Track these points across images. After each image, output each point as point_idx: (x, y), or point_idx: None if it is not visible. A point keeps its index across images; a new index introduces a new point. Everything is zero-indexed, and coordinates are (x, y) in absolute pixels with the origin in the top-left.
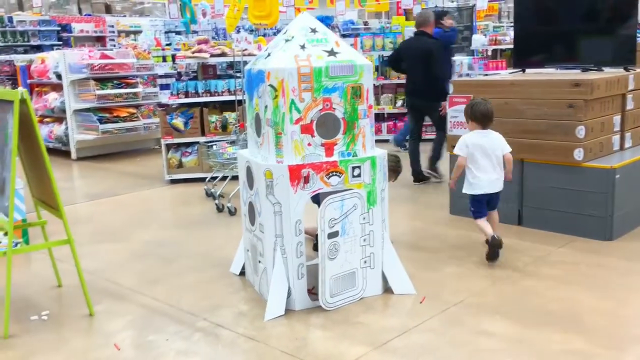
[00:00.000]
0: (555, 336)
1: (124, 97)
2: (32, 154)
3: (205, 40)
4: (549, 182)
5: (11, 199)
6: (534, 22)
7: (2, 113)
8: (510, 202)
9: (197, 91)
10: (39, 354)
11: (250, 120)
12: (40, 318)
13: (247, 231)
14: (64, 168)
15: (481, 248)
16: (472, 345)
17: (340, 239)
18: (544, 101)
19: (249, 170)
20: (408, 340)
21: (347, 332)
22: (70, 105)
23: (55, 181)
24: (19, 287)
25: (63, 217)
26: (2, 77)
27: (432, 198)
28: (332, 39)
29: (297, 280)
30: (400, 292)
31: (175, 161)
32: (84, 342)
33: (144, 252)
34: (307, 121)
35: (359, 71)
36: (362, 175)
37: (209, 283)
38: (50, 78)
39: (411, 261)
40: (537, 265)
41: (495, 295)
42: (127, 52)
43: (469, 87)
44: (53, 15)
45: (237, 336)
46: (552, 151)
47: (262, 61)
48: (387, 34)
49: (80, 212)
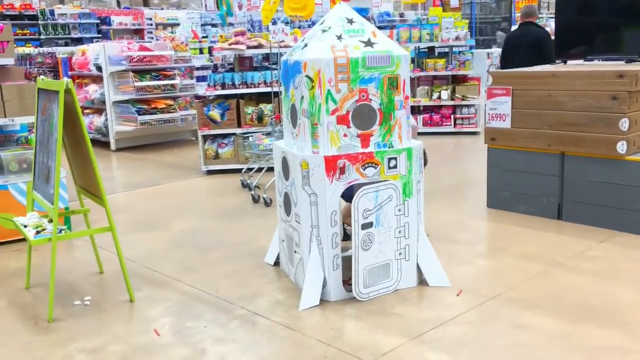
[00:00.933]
0: (595, 331)
1: (161, 88)
2: (76, 143)
3: (242, 32)
4: (591, 176)
5: (56, 187)
6: (576, 13)
7: (48, 103)
8: (550, 196)
9: (233, 83)
10: (82, 337)
11: (286, 111)
12: (82, 303)
13: (282, 221)
14: (104, 158)
15: (519, 241)
16: (509, 339)
17: (374, 229)
18: (586, 93)
19: (284, 160)
20: (444, 332)
21: (383, 323)
22: (110, 97)
23: (99, 170)
24: (62, 272)
25: (105, 205)
26: (45, 69)
27: (468, 190)
28: (369, 29)
29: (333, 271)
30: (435, 284)
31: (211, 152)
32: (124, 327)
33: (181, 241)
34: (343, 112)
35: (395, 62)
36: (398, 167)
37: (245, 272)
38: (91, 70)
39: (446, 254)
40: (577, 260)
41: (533, 289)
42: (165, 45)
43: (509, 78)
44: (93, 8)
45: (273, 324)
46: (594, 144)
47: (298, 52)
48: (423, 26)
49: (120, 201)
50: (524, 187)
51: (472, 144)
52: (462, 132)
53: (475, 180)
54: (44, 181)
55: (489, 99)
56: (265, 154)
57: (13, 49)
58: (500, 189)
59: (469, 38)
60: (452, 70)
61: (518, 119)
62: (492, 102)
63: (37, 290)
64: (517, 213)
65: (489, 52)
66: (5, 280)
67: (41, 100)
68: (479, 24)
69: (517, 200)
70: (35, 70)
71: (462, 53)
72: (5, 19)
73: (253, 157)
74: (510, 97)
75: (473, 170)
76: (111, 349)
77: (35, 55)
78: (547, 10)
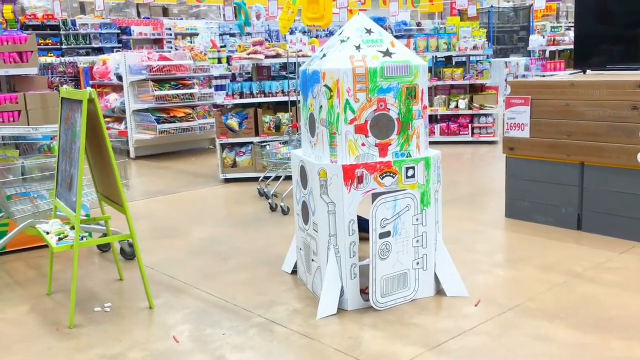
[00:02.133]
0: (615, 343)
1: (180, 97)
2: (98, 152)
3: (260, 42)
4: (611, 186)
5: (78, 194)
6: (596, 22)
7: (71, 112)
8: (569, 206)
9: (251, 92)
10: (102, 343)
11: (305, 120)
12: (103, 309)
13: (300, 230)
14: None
15: (538, 252)
16: (529, 350)
17: (392, 239)
18: (605, 102)
19: (302, 169)
20: (463, 342)
21: (401, 333)
22: (130, 106)
23: (120, 178)
24: (83, 279)
25: (127, 213)
26: (66, 78)
27: (486, 200)
28: (388, 39)
29: (350, 280)
30: (453, 294)
31: (229, 160)
32: (144, 334)
33: (200, 249)
34: (362, 121)
35: (414, 72)
36: (416, 176)
37: (262, 280)
38: (111, 79)
39: (464, 263)
40: (597, 271)
41: (553, 300)
42: (184, 54)
43: (528, 87)
44: (113, 18)
45: (291, 333)
46: (614, 154)
47: (317, 62)
48: (441, 35)
49: (139, 209)
50: (543, 197)
51: (490, 153)
52: (480, 141)
53: (493, 189)
54: (67, 189)
55: (507, 109)
56: (282, 163)
57: (36, 59)
58: (519, 198)
59: (487, 47)
60: (469, 79)
61: (537, 128)
62: (510, 112)
63: (58, 296)
64: (535, 223)
65: (506, 61)
66: (27, 286)
67: (64, 110)
68: (497, 32)
69: (535, 211)
70: (57, 79)
71: (479, 62)
72: (27, 29)
73: (270, 165)
74: (529, 107)
75: (491, 179)
76: (131, 356)
77: (57, 65)
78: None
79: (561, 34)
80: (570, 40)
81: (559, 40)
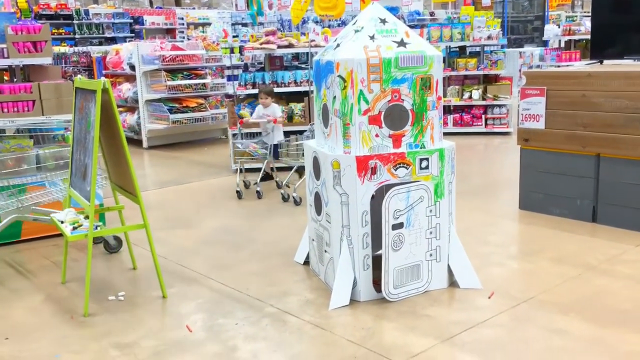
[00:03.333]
0: (630, 336)
1: (193, 87)
2: (112, 142)
3: (273, 32)
4: (627, 178)
5: (92, 184)
6: (613, 12)
7: (86, 102)
8: (585, 199)
9: (264, 82)
10: (116, 332)
11: (318, 111)
12: (117, 298)
13: (312, 221)
14: (136, 156)
15: (552, 244)
16: (543, 343)
17: (405, 230)
18: (623, 93)
19: (315, 160)
20: (476, 334)
21: (414, 324)
22: (143, 96)
23: (134, 168)
24: (97, 268)
25: (140, 203)
26: (79, 68)
27: (500, 192)
28: (402, 29)
29: (363, 271)
30: (466, 286)
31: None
32: (157, 323)
33: (213, 239)
34: (375, 112)
35: (429, 62)
36: (430, 168)
37: (275, 271)
38: (124, 69)
39: (478, 255)
40: (612, 264)
41: (567, 293)
42: (197, 44)
43: (544, 78)
44: (126, 8)
45: (303, 323)
46: (631, 146)
47: (331, 52)
48: (455, 25)
49: (152, 199)
50: (558, 189)
51: (504, 145)
52: (493, 132)
53: (507, 181)
54: (81, 178)
55: (522, 99)
56: (262, 156)
57: (51, 49)
58: (533, 190)
59: (501, 37)
60: (483, 69)
61: (552, 119)
62: (525, 103)
63: (73, 285)
64: (550, 215)
65: (521, 52)
66: (42, 275)
67: (78, 99)
68: (511, 22)
69: (550, 203)
70: (71, 69)
71: (494, 52)
72: (41, 19)
73: (282, 156)
74: (544, 98)
75: (505, 171)
76: (144, 344)
77: (70, 55)
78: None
79: (577, 24)
80: (586, 30)
81: (575, 30)
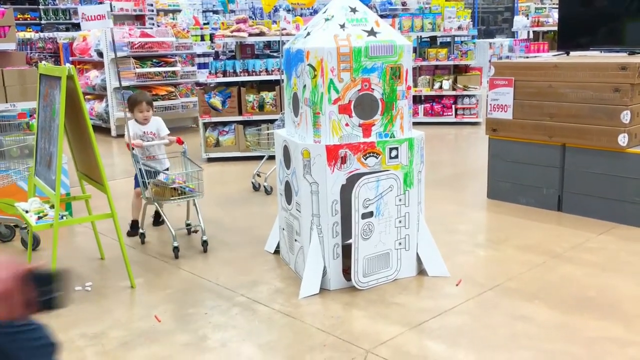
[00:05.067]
0: (593, 323)
1: (162, 75)
2: (78, 130)
3: (244, 20)
4: (591, 168)
5: (58, 173)
6: (580, 4)
7: (50, 89)
8: (550, 187)
9: (235, 70)
10: (83, 322)
11: (289, 100)
12: (84, 289)
13: (283, 210)
14: (104, 145)
15: (519, 232)
16: (508, 329)
17: (374, 219)
18: (588, 84)
19: (286, 149)
20: (444, 321)
21: (383, 312)
22: (111, 83)
23: (101, 157)
24: (64, 258)
25: (107, 192)
26: (45, 54)
27: (469, 181)
28: (372, 18)
29: (333, 260)
30: (434, 274)
31: (212, 140)
32: (125, 313)
33: (182, 228)
34: (345, 101)
35: (398, 52)
36: (400, 157)
37: (245, 260)
38: (92, 56)
39: (446, 244)
40: (576, 252)
41: (532, 280)
42: (167, 31)
43: (511, 69)
44: None
45: (273, 312)
46: (596, 136)
47: (301, 40)
48: (426, 15)
49: (120, 188)
50: (525, 178)
51: (473, 135)
52: (463, 122)
53: (475, 170)
54: (46, 167)
55: (491, 90)
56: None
57: (14, 34)
58: (501, 180)
59: (472, 28)
60: (454, 60)
61: (520, 110)
62: (494, 93)
63: None
64: (517, 204)
65: (491, 42)
66: None
67: (43, 86)
68: (482, 13)
69: (517, 192)
70: (36, 55)
71: (464, 43)
72: (6, 3)
73: (252, 145)
74: (512, 88)
75: (474, 161)
76: (112, 335)
77: (36, 41)
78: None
79: (545, 15)
80: (554, 22)
81: (543, 22)
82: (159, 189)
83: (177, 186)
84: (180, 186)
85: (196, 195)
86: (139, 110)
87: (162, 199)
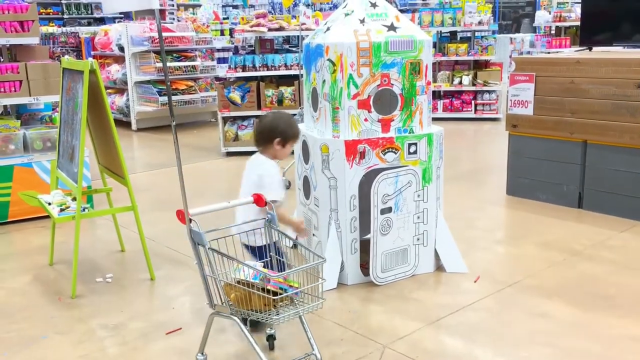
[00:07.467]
0: (614, 320)
1: (182, 70)
2: (100, 123)
3: (264, 15)
4: (613, 165)
5: (80, 166)
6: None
7: (73, 83)
8: (571, 185)
9: (254, 65)
10: (104, 313)
11: (307, 95)
12: (104, 280)
13: (301, 204)
14: (125, 138)
15: (538, 229)
16: (527, 326)
17: (393, 215)
18: (611, 80)
19: (304, 144)
20: (462, 318)
21: (400, 308)
22: (132, 77)
23: (122, 150)
24: (85, 250)
25: (128, 185)
26: (68, 49)
27: (488, 177)
28: (392, 13)
29: (350, 255)
30: (452, 270)
31: (231, 134)
32: (145, 305)
33: (201, 222)
34: (365, 96)
35: (418, 47)
36: (418, 152)
37: None
38: (113, 50)
39: (465, 240)
40: (597, 249)
41: (552, 277)
42: (187, 26)
43: (533, 64)
44: None
45: None
46: (618, 133)
47: (321, 35)
48: (446, 10)
49: (141, 181)
50: (545, 175)
51: (493, 130)
52: (483, 118)
53: (495, 167)
54: (68, 160)
55: (511, 85)
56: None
57: (38, 28)
58: (521, 176)
59: (492, 23)
60: (474, 55)
61: (540, 106)
62: (514, 89)
63: (61, 266)
64: (536, 201)
65: (512, 38)
66: (30, 257)
67: (66, 80)
68: (503, 8)
69: (537, 188)
70: (59, 49)
71: (484, 38)
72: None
73: None
74: (533, 84)
75: (493, 156)
76: (132, 326)
77: (58, 35)
78: None
79: (567, 10)
80: (577, 17)
81: (566, 17)
82: (240, 292)
83: (273, 287)
84: (281, 286)
85: (311, 307)
86: (292, 145)
87: (252, 311)
